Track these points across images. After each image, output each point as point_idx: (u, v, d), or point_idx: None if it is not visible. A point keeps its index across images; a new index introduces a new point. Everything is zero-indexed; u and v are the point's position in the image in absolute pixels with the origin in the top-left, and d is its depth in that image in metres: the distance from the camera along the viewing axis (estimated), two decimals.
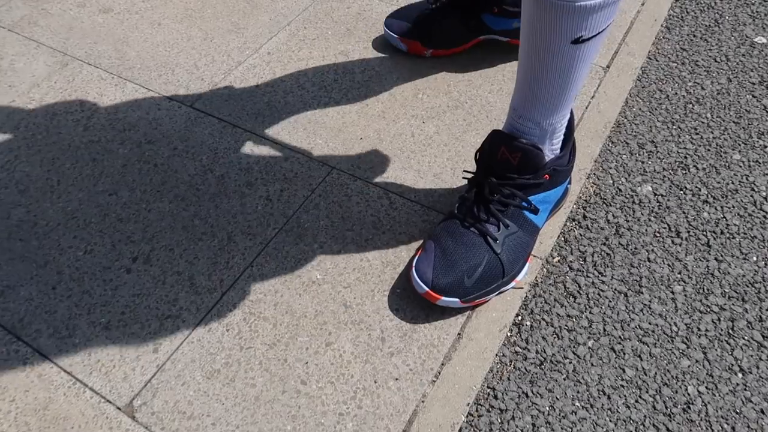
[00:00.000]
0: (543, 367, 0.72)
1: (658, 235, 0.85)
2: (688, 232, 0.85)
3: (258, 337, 0.74)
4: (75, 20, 1.21)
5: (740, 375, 0.71)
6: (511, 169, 0.74)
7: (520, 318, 0.77)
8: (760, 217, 0.86)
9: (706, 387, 0.70)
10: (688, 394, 0.70)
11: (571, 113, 0.77)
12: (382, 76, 1.08)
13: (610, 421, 0.68)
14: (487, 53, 1.11)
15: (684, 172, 0.93)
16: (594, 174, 0.93)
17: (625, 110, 1.02)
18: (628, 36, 1.14)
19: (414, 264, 0.76)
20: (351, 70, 1.09)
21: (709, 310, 0.77)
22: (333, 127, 0.99)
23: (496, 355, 0.73)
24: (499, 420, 0.68)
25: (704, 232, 0.85)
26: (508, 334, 0.75)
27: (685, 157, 0.95)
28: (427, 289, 0.73)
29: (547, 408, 0.69)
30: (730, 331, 0.75)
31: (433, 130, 0.98)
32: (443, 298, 0.73)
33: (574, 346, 0.74)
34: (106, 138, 0.98)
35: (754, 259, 0.82)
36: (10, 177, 0.93)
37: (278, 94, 1.05)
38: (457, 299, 0.73)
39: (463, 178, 0.80)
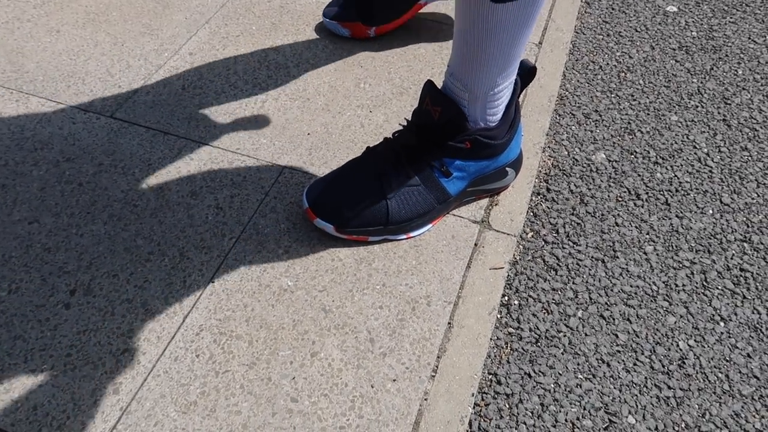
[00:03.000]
0: (539, 344, 0.70)
1: (620, 199, 0.85)
2: (647, 193, 0.86)
3: (234, 358, 0.67)
4: None
5: (722, 324, 0.73)
6: (432, 123, 0.73)
7: (506, 298, 0.74)
8: (707, 172, 0.90)
9: (695, 340, 0.71)
10: (680, 350, 0.70)
11: (515, 88, 0.75)
12: (318, 68, 1.02)
13: (615, 388, 0.67)
14: (420, 38, 1.08)
15: (631, 137, 0.95)
16: (549, 147, 0.93)
17: (564, 83, 1.03)
18: (553, 12, 1.16)
19: (311, 181, 0.79)
20: (284, 64, 1.03)
21: (681, 265, 0.78)
22: (276, 125, 0.92)
23: (491, 339, 0.71)
24: (508, 405, 0.65)
25: (661, 192, 0.87)
26: (498, 316, 0.73)
27: (629, 123, 0.97)
28: (307, 205, 0.75)
29: (552, 385, 0.67)
30: (704, 283, 0.77)
31: (382, 119, 0.94)
32: (318, 219, 0.75)
33: (565, 319, 0.72)
34: (14, 160, 0.86)
35: (710, 212, 0.85)
36: None
37: (209, 96, 0.97)
38: (331, 225, 0.75)
39: (400, 124, 0.77)
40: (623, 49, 1.11)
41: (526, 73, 0.76)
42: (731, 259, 0.79)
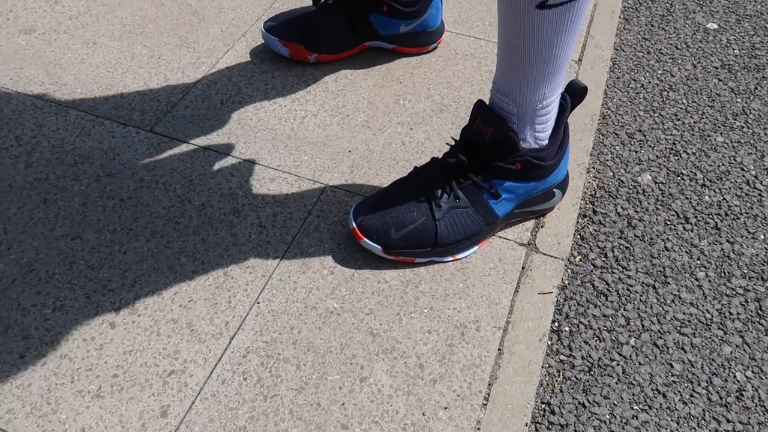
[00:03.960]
0: (592, 373, 0.68)
1: (668, 222, 0.84)
2: (696, 217, 0.85)
3: (282, 382, 0.66)
4: None
5: None
6: (483, 144, 0.72)
7: (557, 324, 0.73)
8: (756, 196, 0.88)
9: (752, 371, 0.69)
10: (738, 381, 0.68)
11: (564, 108, 0.74)
12: (356, 83, 1.01)
13: (672, 420, 0.65)
14: (458, 54, 1.07)
15: (676, 158, 0.93)
16: (593, 168, 0.91)
17: (606, 102, 1.02)
18: (591, 28, 1.15)
19: (358, 201, 0.79)
20: (322, 79, 1.02)
21: (734, 293, 0.76)
22: (316, 142, 0.91)
23: (542, 366, 0.69)
24: None
25: (710, 216, 0.85)
26: (549, 342, 0.71)
27: (674, 144, 0.95)
28: (354, 225, 0.74)
29: (608, 416, 0.65)
30: (760, 312, 0.75)
31: (423, 137, 0.93)
32: (366, 239, 0.74)
33: (617, 347, 0.71)
34: (55, 174, 0.85)
35: (762, 237, 0.83)
36: None
37: (248, 111, 0.96)
38: (379, 246, 0.74)
39: (447, 144, 0.76)
40: (664, 66, 1.09)
41: (576, 93, 0.74)
42: None
